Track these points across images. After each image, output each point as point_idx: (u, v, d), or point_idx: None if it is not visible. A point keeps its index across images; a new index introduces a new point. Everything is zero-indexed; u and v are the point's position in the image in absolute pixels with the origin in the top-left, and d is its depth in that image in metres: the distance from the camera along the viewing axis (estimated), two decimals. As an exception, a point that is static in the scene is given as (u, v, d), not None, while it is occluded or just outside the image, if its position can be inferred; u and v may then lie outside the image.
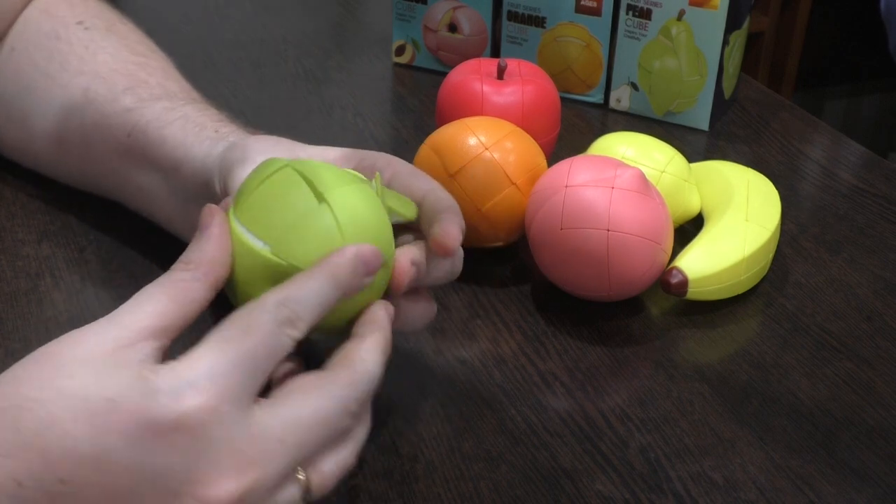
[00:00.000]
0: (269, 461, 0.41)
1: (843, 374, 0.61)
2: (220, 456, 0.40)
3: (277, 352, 0.43)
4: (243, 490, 0.41)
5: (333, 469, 0.45)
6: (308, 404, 0.43)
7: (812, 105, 2.49)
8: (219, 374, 0.41)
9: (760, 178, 0.71)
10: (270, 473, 0.41)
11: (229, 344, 0.42)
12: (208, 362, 0.41)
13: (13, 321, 0.62)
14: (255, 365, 0.42)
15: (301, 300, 0.44)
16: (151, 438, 0.40)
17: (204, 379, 0.41)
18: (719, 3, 0.82)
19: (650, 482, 0.53)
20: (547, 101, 0.75)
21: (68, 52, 0.69)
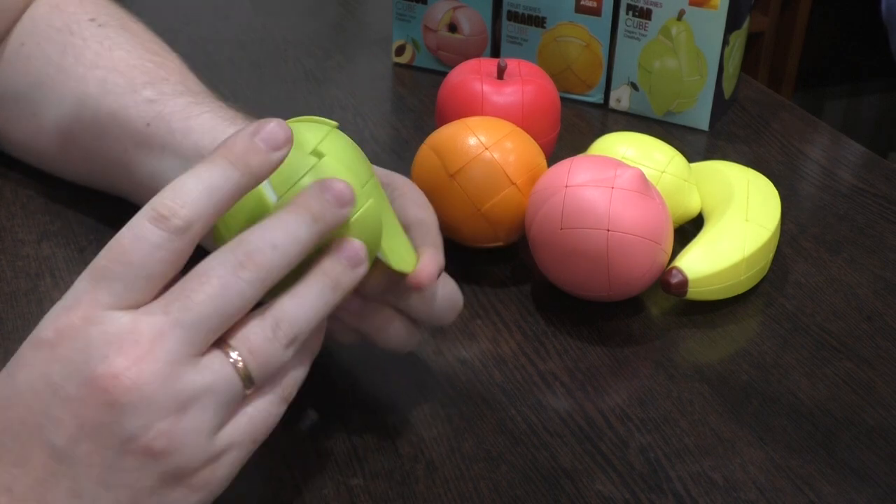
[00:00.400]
0: (157, 335, 0.41)
1: (843, 374, 0.61)
2: (104, 345, 0.40)
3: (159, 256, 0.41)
4: (135, 363, 0.40)
5: (262, 339, 0.43)
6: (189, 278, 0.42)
7: (812, 105, 2.49)
8: (86, 287, 0.41)
9: (760, 178, 0.71)
10: (166, 347, 0.41)
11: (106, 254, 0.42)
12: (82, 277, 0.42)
13: (13, 321, 0.62)
14: (131, 272, 0.41)
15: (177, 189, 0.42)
16: (39, 355, 0.41)
17: (73, 293, 0.42)
18: (719, 3, 0.82)
19: (650, 482, 0.53)
20: (547, 101, 0.75)
21: (83, 47, 0.69)
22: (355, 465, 0.53)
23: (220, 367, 0.42)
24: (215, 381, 0.42)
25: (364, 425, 0.56)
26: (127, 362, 0.40)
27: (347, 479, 0.52)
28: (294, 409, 0.56)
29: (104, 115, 0.66)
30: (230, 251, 0.42)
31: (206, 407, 0.42)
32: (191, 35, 1.00)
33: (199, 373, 0.41)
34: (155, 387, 0.40)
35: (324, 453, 0.54)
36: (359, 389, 0.58)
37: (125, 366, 0.40)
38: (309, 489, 0.52)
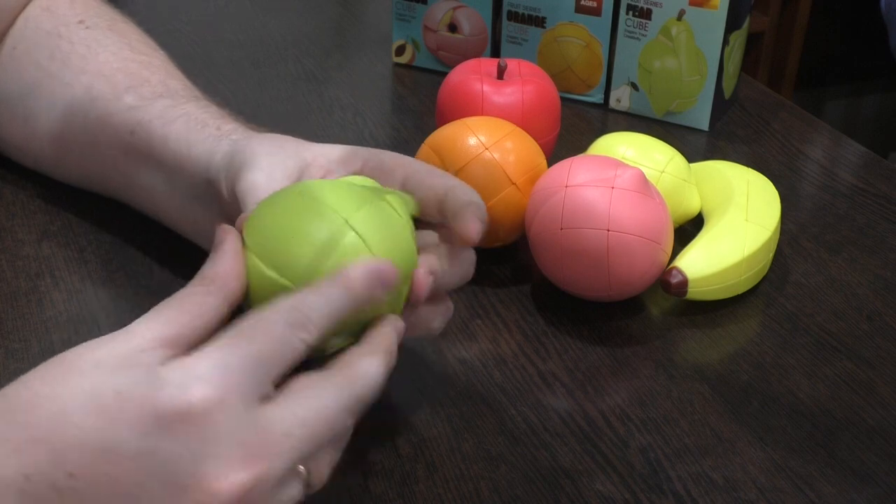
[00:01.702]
0: (275, 455, 0.41)
1: (843, 374, 0.61)
2: (227, 448, 0.40)
3: (287, 354, 0.43)
4: (250, 481, 0.40)
5: (328, 465, 0.45)
6: (313, 402, 0.43)
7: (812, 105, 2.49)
8: (226, 368, 0.41)
9: (760, 178, 0.71)
10: (277, 467, 0.41)
11: (239, 341, 0.42)
12: (217, 357, 0.41)
13: (13, 321, 0.62)
14: (264, 364, 0.42)
15: (313, 306, 0.44)
16: (158, 429, 0.40)
17: (212, 371, 0.41)
18: (719, 3, 0.82)
19: (650, 482, 0.53)
20: (547, 101, 0.75)
21: (70, 51, 0.69)
22: (355, 465, 0.53)
23: (299, 488, 0.43)
24: (291, 499, 0.43)
25: (364, 425, 0.56)
26: (247, 477, 0.40)
27: (347, 479, 0.52)
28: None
29: (93, 122, 0.66)
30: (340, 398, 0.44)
31: None
32: (191, 35, 1.00)
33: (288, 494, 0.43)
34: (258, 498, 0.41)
35: (324, 453, 0.54)
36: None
37: (242, 482, 0.40)
38: (309, 489, 0.52)
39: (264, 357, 0.42)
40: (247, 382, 0.41)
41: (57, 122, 0.68)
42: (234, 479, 0.40)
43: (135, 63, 0.68)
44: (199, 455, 0.40)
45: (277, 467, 0.42)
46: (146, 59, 0.69)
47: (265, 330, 0.43)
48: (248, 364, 0.42)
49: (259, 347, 0.42)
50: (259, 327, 0.43)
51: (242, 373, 0.41)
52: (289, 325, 0.43)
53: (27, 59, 0.70)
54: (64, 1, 0.72)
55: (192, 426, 0.40)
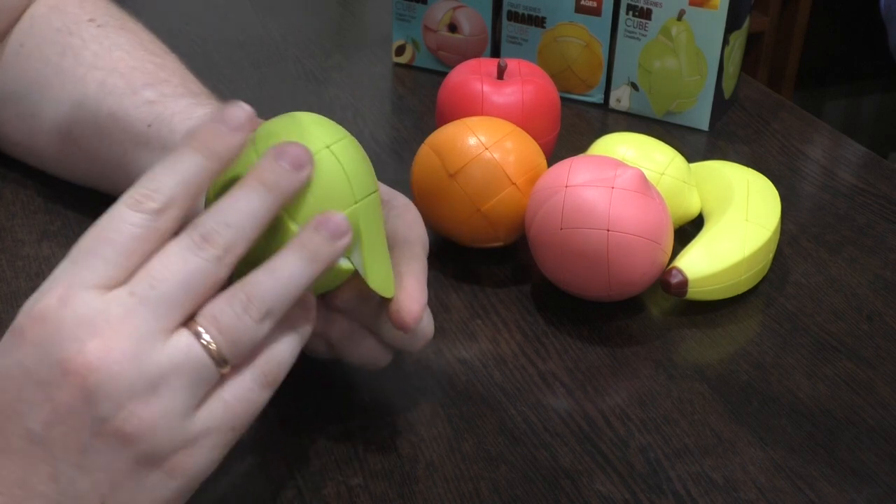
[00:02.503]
0: (124, 315, 0.41)
1: (843, 374, 0.61)
2: (74, 328, 0.41)
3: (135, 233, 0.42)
4: (104, 344, 0.40)
5: (232, 316, 0.43)
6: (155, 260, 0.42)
7: (812, 105, 2.49)
8: (66, 266, 0.42)
9: (760, 178, 0.71)
10: (133, 327, 0.41)
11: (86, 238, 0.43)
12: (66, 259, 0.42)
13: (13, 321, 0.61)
14: (110, 248, 0.42)
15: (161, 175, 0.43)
16: (14, 341, 0.41)
17: (54, 274, 0.42)
18: (719, 3, 0.82)
19: (650, 482, 0.53)
20: (547, 101, 0.75)
21: (82, 48, 0.69)
22: (355, 465, 0.53)
23: (187, 344, 0.42)
24: (184, 360, 0.42)
25: (364, 425, 0.56)
26: (96, 344, 0.40)
27: (347, 479, 0.52)
28: (294, 409, 0.56)
29: (104, 116, 0.66)
30: (187, 234, 0.43)
31: (176, 388, 0.41)
32: (191, 35, 1.00)
33: (166, 351, 0.41)
34: (123, 367, 0.40)
35: (324, 453, 0.54)
36: (359, 389, 0.58)
37: (94, 347, 0.40)
38: (309, 489, 0.52)
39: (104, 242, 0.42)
40: (89, 270, 0.41)
41: (65, 116, 0.68)
42: (87, 349, 0.40)
43: (150, 63, 0.68)
44: (51, 343, 0.40)
45: (129, 326, 0.41)
46: (161, 62, 0.69)
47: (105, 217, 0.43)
48: (91, 253, 0.42)
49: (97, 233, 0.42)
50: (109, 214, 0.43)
51: (83, 264, 0.42)
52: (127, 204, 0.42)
53: (36, 55, 0.70)
54: (73, 0, 0.72)
55: (37, 324, 0.41)
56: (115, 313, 0.41)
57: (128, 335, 0.41)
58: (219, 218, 0.43)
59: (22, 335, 0.41)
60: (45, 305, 0.41)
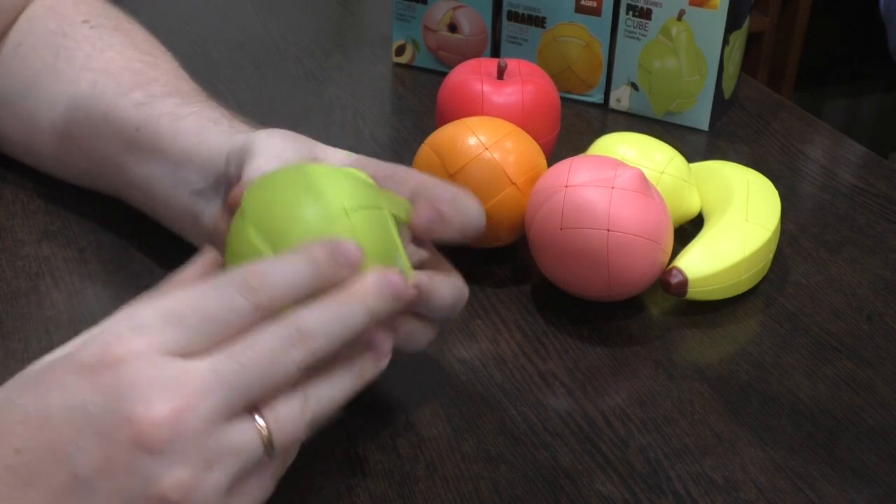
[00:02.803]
0: (203, 390, 0.41)
1: (843, 374, 0.61)
2: (148, 388, 0.40)
3: (230, 314, 0.42)
4: (174, 413, 0.40)
5: (292, 419, 0.44)
6: (247, 339, 0.43)
7: (812, 105, 2.49)
8: (150, 322, 0.41)
9: (760, 178, 0.71)
10: (208, 404, 0.41)
11: (176, 297, 0.42)
12: (147, 311, 0.42)
13: (13, 321, 0.62)
14: (199, 322, 0.42)
15: (270, 272, 0.44)
16: (82, 382, 0.41)
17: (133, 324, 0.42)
18: (719, 3, 0.82)
19: (650, 482, 0.53)
20: (547, 101, 0.75)
21: (75, 49, 0.69)
22: (355, 465, 0.53)
23: (249, 433, 0.42)
24: (243, 447, 0.42)
25: (364, 425, 0.56)
26: (168, 410, 0.40)
27: (347, 479, 0.52)
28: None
29: (96, 117, 0.66)
30: (287, 326, 0.43)
31: (228, 468, 0.42)
32: (191, 35, 1.00)
33: (229, 434, 0.42)
34: (188, 439, 0.40)
35: (324, 453, 0.54)
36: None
37: (165, 413, 0.40)
38: (309, 489, 0.52)
39: (201, 314, 0.42)
40: (169, 336, 0.41)
41: (60, 117, 0.68)
42: (155, 412, 0.40)
43: (141, 63, 0.68)
44: (122, 397, 0.40)
45: (209, 404, 0.41)
46: (153, 60, 0.69)
47: (207, 291, 0.43)
48: (180, 319, 0.42)
49: (198, 303, 0.42)
50: (201, 288, 0.43)
51: (170, 327, 0.41)
52: (237, 286, 0.43)
53: (32, 56, 0.70)
54: (69, 1, 0.72)
55: (109, 375, 0.40)
56: (193, 385, 0.41)
57: (199, 410, 0.41)
58: (323, 324, 0.44)
59: (92, 377, 0.41)
60: (122, 355, 0.41)
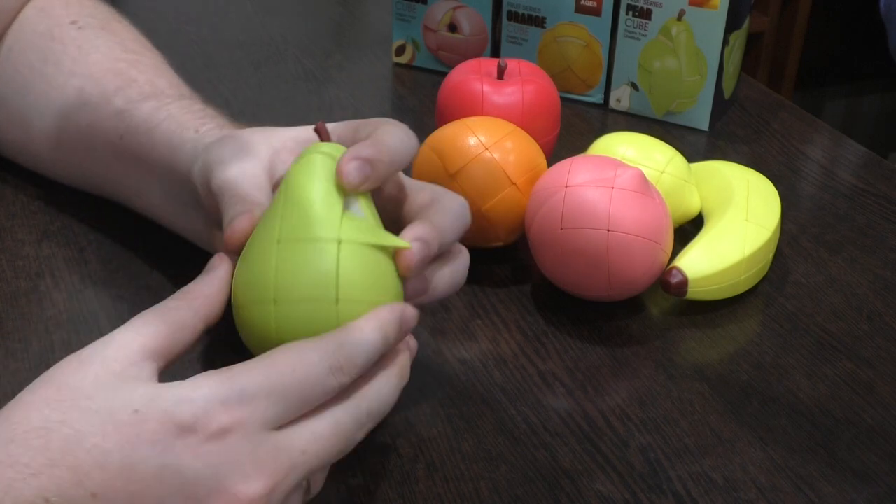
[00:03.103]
0: (291, 469, 0.42)
1: (843, 374, 0.61)
2: (247, 463, 0.41)
3: (320, 395, 0.44)
4: (266, 492, 0.41)
5: (325, 474, 0.47)
6: (330, 419, 0.44)
7: (812, 105, 2.49)
8: (255, 395, 0.42)
9: (760, 178, 0.71)
10: (292, 480, 0.42)
11: (277, 370, 0.43)
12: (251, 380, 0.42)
13: (13, 321, 0.62)
14: (297, 399, 0.43)
15: (355, 354, 0.45)
16: (179, 446, 0.40)
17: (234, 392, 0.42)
18: (719, 3, 0.82)
19: (650, 482, 0.53)
20: (547, 101, 0.75)
21: (62, 53, 0.69)
22: (355, 465, 0.53)
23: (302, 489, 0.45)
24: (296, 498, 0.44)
25: (364, 425, 0.56)
26: (263, 487, 0.41)
27: (347, 479, 0.52)
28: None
29: (84, 127, 0.66)
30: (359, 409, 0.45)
31: None
32: (191, 35, 1.00)
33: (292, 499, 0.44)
34: None
35: (324, 453, 0.54)
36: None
37: (261, 491, 0.41)
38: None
39: (298, 393, 0.43)
40: (272, 413, 0.42)
41: (51, 125, 0.68)
42: (252, 490, 0.41)
43: (124, 62, 0.68)
44: (220, 470, 0.41)
45: (292, 480, 0.42)
46: (135, 58, 0.68)
47: (306, 369, 0.43)
48: (280, 396, 0.42)
49: (297, 382, 0.43)
50: (300, 364, 0.43)
51: (270, 403, 0.42)
52: (330, 368, 0.44)
53: (21, 60, 0.70)
54: (59, 1, 0.72)
55: (212, 444, 0.41)
56: (287, 464, 0.42)
57: (285, 486, 0.42)
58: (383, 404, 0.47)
59: (193, 442, 0.41)
60: (228, 425, 0.41)
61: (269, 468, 0.41)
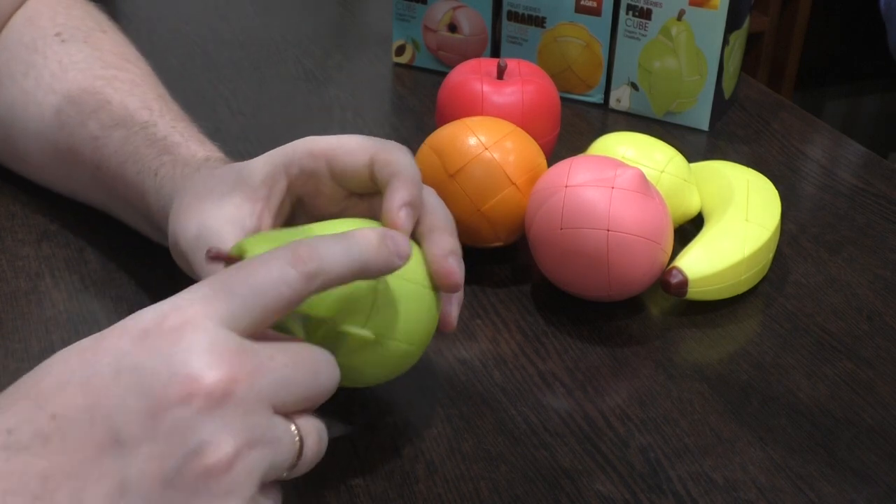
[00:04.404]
0: (258, 368, 0.41)
1: (843, 374, 0.61)
2: (203, 353, 0.40)
3: (283, 286, 0.42)
4: (231, 380, 0.40)
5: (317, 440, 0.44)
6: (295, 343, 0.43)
7: (812, 105, 2.49)
8: (207, 295, 0.41)
9: (760, 178, 0.71)
10: (262, 382, 0.40)
11: (234, 270, 0.42)
12: (206, 283, 0.41)
13: (13, 321, 0.62)
14: (253, 295, 0.41)
15: (319, 245, 0.43)
16: (128, 346, 0.40)
17: (192, 295, 0.41)
18: (719, 3, 0.82)
19: (650, 482, 0.53)
20: (547, 101, 0.75)
21: (43, 67, 0.69)
22: (355, 465, 0.53)
23: (289, 432, 0.42)
24: (283, 439, 0.42)
25: (364, 425, 0.56)
26: (224, 375, 0.39)
27: (347, 479, 0.52)
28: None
29: (65, 151, 0.66)
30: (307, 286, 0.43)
31: (266, 456, 0.41)
32: (191, 35, 1.00)
33: (274, 423, 0.41)
34: (239, 410, 0.40)
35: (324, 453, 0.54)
36: (359, 389, 0.58)
37: (221, 377, 0.39)
38: (309, 489, 0.52)
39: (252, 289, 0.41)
40: (226, 308, 0.41)
41: (33, 143, 0.68)
42: (212, 376, 0.39)
43: (101, 80, 0.67)
44: (175, 358, 0.39)
45: (260, 387, 0.40)
46: (114, 74, 0.68)
47: (266, 264, 0.42)
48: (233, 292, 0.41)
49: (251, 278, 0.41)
50: (260, 262, 0.42)
51: (223, 299, 0.41)
52: (291, 260, 0.42)
53: (5, 72, 0.70)
54: (47, 10, 0.72)
55: (167, 338, 0.40)
56: (250, 361, 0.40)
57: (253, 386, 0.40)
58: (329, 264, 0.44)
59: (146, 338, 0.40)
60: (180, 322, 0.40)
61: (228, 359, 0.40)
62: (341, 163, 0.53)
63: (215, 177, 0.55)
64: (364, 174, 0.52)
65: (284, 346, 0.42)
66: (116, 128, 0.64)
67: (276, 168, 0.54)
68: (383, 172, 0.52)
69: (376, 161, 0.52)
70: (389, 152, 0.52)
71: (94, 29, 0.72)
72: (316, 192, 0.54)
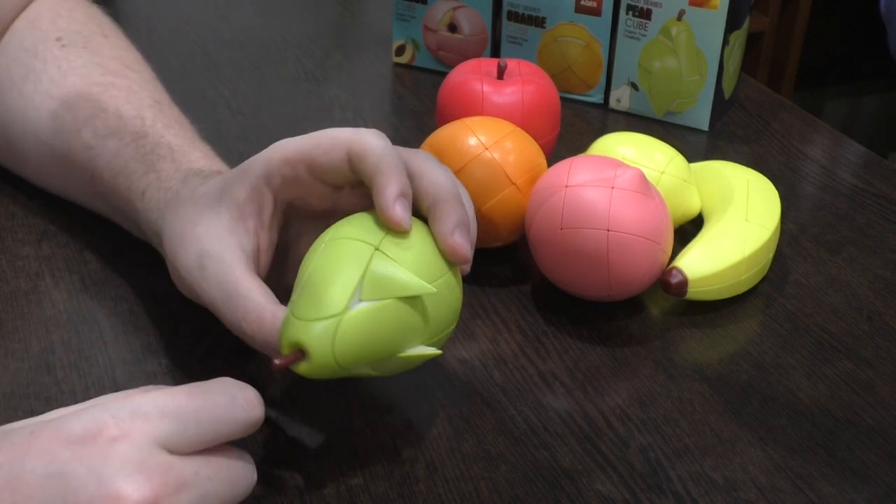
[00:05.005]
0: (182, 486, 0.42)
1: (843, 374, 0.61)
2: (132, 470, 0.41)
3: (224, 425, 0.44)
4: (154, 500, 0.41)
5: None
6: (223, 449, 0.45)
7: (812, 105, 2.49)
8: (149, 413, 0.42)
9: (760, 178, 0.71)
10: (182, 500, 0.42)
11: (182, 395, 0.44)
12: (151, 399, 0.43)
13: (13, 321, 0.62)
14: (195, 423, 0.43)
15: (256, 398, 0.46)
16: (61, 450, 0.41)
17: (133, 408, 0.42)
18: (719, 3, 0.82)
19: (650, 482, 0.53)
20: (547, 101, 0.75)
21: (41, 72, 0.69)
22: (355, 465, 0.53)
23: None
24: None
25: (364, 425, 0.56)
26: (150, 494, 0.40)
27: (347, 479, 0.52)
28: (294, 408, 0.56)
29: (60, 157, 0.66)
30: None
31: None
32: (191, 35, 1.00)
33: None
34: None
35: (324, 453, 0.54)
36: (359, 389, 0.58)
37: (145, 497, 0.40)
38: (309, 489, 0.52)
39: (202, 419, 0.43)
40: (165, 429, 0.42)
41: (32, 148, 0.68)
42: (137, 494, 0.40)
43: (98, 87, 0.67)
44: (105, 472, 0.40)
45: (182, 500, 0.42)
46: (111, 80, 0.68)
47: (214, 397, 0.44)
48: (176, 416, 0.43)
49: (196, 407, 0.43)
50: (208, 389, 0.44)
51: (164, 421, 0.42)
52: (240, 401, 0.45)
53: (5, 75, 0.70)
54: (49, 13, 0.72)
55: (99, 450, 0.41)
56: (172, 477, 0.42)
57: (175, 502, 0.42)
58: None
59: (79, 450, 0.41)
60: (116, 436, 0.41)
61: (156, 478, 0.41)
62: (319, 164, 0.52)
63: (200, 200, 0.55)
64: (345, 169, 0.52)
65: (208, 460, 0.44)
66: (109, 138, 0.63)
67: (258, 182, 0.53)
68: (363, 167, 0.51)
69: (352, 156, 0.51)
70: (363, 143, 0.51)
71: (96, 33, 0.72)
72: (304, 194, 0.54)
